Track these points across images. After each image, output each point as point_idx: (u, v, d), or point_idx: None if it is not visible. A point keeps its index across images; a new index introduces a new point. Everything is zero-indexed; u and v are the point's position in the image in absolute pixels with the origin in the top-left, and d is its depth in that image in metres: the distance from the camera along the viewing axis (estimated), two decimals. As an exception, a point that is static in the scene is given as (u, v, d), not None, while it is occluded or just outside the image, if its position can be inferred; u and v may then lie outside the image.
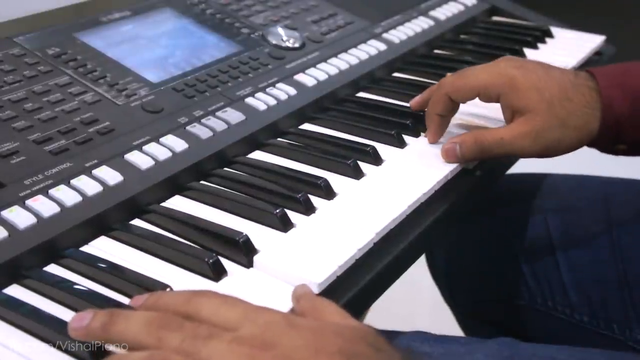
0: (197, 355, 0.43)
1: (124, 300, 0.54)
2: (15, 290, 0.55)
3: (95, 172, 0.64)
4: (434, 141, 0.79)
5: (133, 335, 0.46)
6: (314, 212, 0.66)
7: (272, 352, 0.43)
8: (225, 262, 0.58)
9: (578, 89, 0.74)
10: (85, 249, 0.60)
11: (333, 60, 0.92)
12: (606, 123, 0.73)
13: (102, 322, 0.47)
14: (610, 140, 0.75)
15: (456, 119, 0.81)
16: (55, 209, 0.59)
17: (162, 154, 0.69)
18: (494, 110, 0.80)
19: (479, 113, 0.84)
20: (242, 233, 0.61)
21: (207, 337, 0.44)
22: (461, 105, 0.79)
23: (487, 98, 0.76)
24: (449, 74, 0.83)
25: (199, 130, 0.73)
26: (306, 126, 0.83)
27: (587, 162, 1.01)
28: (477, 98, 0.77)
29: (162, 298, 0.50)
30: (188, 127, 0.73)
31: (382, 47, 0.99)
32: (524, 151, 0.74)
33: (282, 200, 0.66)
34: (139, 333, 0.46)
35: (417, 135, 0.81)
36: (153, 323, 0.46)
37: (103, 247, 0.61)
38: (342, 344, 0.44)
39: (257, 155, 0.76)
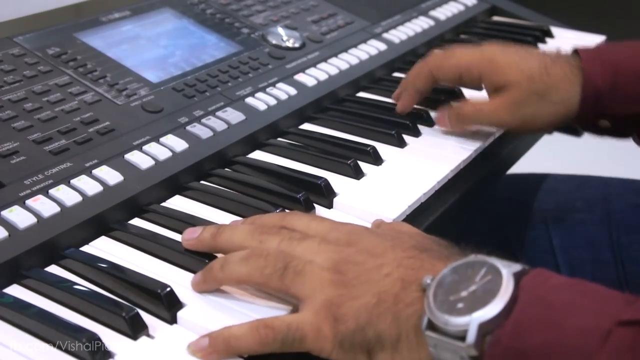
0: (292, 252, 0.52)
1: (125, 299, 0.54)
2: (15, 290, 0.55)
3: (95, 172, 0.64)
4: (402, 111, 0.82)
5: (239, 241, 0.54)
6: (314, 212, 0.66)
7: (355, 247, 0.52)
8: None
9: (558, 64, 0.76)
10: (85, 249, 0.60)
11: (333, 60, 0.92)
12: (586, 97, 0.74)
13: (212, 232, 0.56)
14: (592, 115, 0.77)
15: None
16: (56, 208, 0.59)
17: (162, 153, 0.69)
18: None
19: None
20: (242, 233, 0.61)
21: (301, 239, 0.53)
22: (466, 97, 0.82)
23: (470, 79, 0.79)
24: (435, 50, 0.86)
25: (199, 130, 0.73)
26: (306, 126, 0.83)
27: (587, 162, 1.01)
28: (465, 84, 0.81)
29: (259, 218, 0.58)
30: (188, 127, 0.73)
31: (382, 47, 0.99)
32: (501, 122, 0.79)
33: (282, 200, 0.66)
34: (243, 239, 0.54)
35: (417, 135, 0.81)
36: (256, 230, 0.55)
37: (103, 247, 0.61)
38: (415, 242, 0.53)
39: (257, 155, 0.76)
